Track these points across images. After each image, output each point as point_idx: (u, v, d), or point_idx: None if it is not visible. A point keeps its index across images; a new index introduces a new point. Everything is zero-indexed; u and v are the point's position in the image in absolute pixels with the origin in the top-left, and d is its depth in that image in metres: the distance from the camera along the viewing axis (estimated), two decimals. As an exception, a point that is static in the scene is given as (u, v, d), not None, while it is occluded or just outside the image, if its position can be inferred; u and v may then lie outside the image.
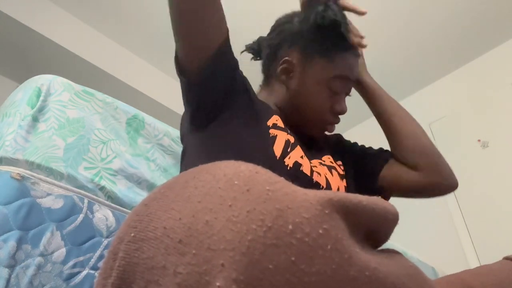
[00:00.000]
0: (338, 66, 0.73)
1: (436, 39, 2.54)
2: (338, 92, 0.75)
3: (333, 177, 0.74)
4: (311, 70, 0.74)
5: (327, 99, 0.74)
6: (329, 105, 0.75)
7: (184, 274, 0.26)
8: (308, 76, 0.74)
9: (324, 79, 0.73)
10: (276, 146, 0.66)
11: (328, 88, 0.74)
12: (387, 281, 0.28)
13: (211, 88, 0.67)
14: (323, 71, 0.73)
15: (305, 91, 0.75)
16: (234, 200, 0.28)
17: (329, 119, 0.77)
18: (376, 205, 0.32)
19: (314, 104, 0.75)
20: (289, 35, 0.77)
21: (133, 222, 0.31)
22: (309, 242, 0.26)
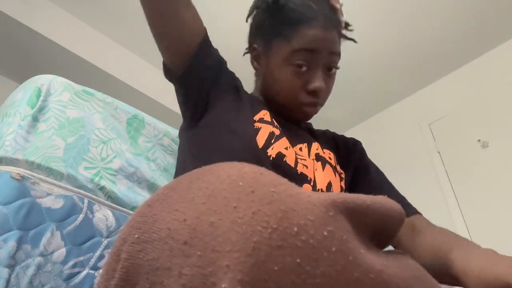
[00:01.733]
0: (295, 41, 0.70)
1: (436, 39, 2.54)
2: (303, 65, 0.70)
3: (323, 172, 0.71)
4: (272, 51, 0.74)
5: (295, 77, 0.71)
6: (300, 83, 0.72)
7: (189, 276, 0.25)
8: (271, 59, 0.75)
9: (284, 57, 0.71)
10: (259, 137, 0.67)
11: (290, 64, 0.71)
12: (392, 283, 0.28)
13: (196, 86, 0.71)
14: (281, 49, 0.72)
15: (272, 74, 0.74)
16: (238, 202, 0.28)
17: (303, 99, 0.73)
18: (381, 205, 0.32)
19: (281, 84, 0.73)
20: (252, 24, 0.81)
21: (137, 223, 0.30)
22: (314, 244, 0.26)
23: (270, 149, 0.66)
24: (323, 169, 0.72)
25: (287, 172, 0.65)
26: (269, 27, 0.75)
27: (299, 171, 0.67)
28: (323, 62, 0.72)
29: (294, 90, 0.72)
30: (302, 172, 0.68)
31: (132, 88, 2.78)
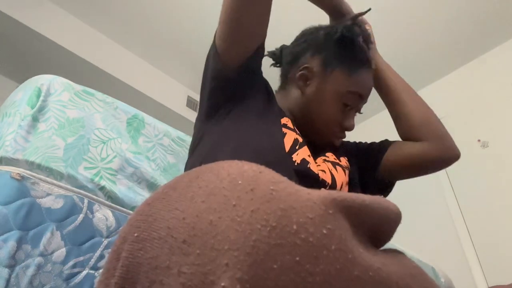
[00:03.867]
0: (355, 82, 0.75)
1: (436, 39, 2.54)
2: (350, 107, 0.76)
3: (338, 173, 0.74)
4: (329, 80, 0.76)
5: (339, 111, 0.76)
6: (340, 119, 0.77)
7: (188, 274, 0.25)
8: (325, 85, 0.76)
9: (340, 92, 0.75)
10: (286, 140, 0.69)
11: (342, 101, 0.75)
12: (391, 281, 0.28)
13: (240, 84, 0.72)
14: (340, 84, 0.75)
15: (320, 99, 0.76)
16: (238, 200, 0.28)
17: (336, 132, 0.78)
18: (379, 205, 0.32)
19: (326, 113, 0.76)
20: (313, 44, 0.80)
21: (137, 222, 0.30)
22: (313, 242, 0.26)
23: (295, 154, 0.68)
24: (336, 170, 0.75)
25: (311, 179, 0.67)
26: (337, 55, 0.77)
27: (321, 178, 0.69)
28: (359, 107, 0.80)
29: (334, 122, 0.77)
30: (323, 179, 0.70)
31: (132, 88, 2.78)
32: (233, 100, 0.72)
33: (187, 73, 3.03)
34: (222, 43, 0.69)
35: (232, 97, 0.72)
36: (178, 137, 0.98)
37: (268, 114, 0.72)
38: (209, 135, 0.73)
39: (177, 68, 2.99)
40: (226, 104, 0.72)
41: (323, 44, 0.79)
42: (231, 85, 0.72)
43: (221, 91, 0.72)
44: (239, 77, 0.71)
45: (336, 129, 0.78)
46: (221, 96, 0.72)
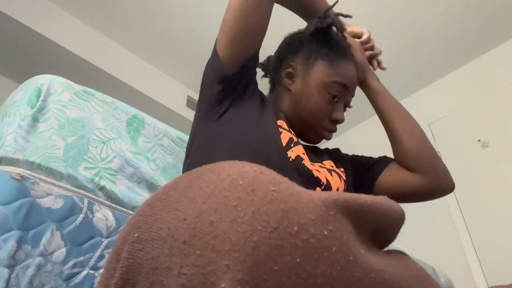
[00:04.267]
0: (338, 72, 0.77)
1: (436, 39, 2.54)
2: (337, 97, 0.77)
3: (332, 178, 0.75)
4: (312, 73, 0.78)
5: (326, 103, 0.77)
6: (328, 110, 0.78)
7: (188, 275, 0.25)
8: (309, 79, 0.78)
9: (324, 82, 0.77)
10: (282, 137, 0.71)
11: (327, 92, 0.77)
12: (393, 283, 0.28)
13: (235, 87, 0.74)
14: (323, 75, 0.77)
15: (306, 93, 0.78)
16: (238, 201, 0.28)
17: (326, 125, 0.79)
18: (381, 205, 0.32)
19: (313, 106, 0.78)
20: (293, 44, 0.84)
21: (137, 223, 0.30)
22: (314, 244, 0.26)
23: (290, 151, 0.70)
24: (332, 175, 0.76)
25: (305, 175, 0.69)
26: (317, 49, 0.80)
27: (315, 175, 0.70)
28: (346, 99, 0.81)
29: (322, 115, 0.78)
30: (318, 176, 0.71)
31: (132, 88, 2.78)
32: (231, 102, 0.74)
33: (187, 73, 3.03)
34: (223, 47, 0.72)
35: (230, 99, 0.74)
36: (178, 137, 0.98)
37: (262, 114, 0.74)
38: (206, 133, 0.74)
39: (177, 68, 2.99)
40: (224, 106, 0.74)
41: (302, 42, 0.83)
42: (229, 88, 0.74)
43: (219, 93, 0.74)
44: (236, 81, 0.74)
45: (325, 122, 0.79)
46: (220, 98, 0.74)
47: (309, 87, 0.78)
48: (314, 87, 0.77)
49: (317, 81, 0.77)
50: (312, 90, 0.78)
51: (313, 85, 0.78)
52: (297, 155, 0.71)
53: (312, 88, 0.78)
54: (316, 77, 0.78)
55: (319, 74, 0.78)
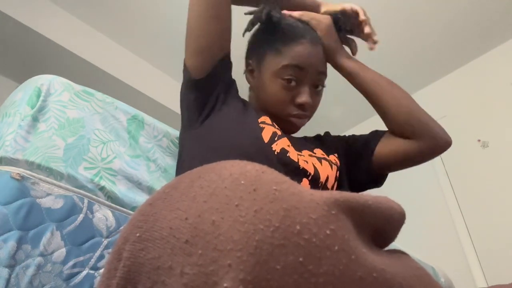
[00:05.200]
0: (286, 56, 0.77)
1: (436, 39, 2.54)
2: (293, 80, 0.76)
3: (322, 166, 0.75)
4: (264, 66, 0.80)
5: (283, 90, 0.77)
6: (289, 96, 0.77)
7: (190, 275, 0.25)
8: (263, 72, 0.80)
9: (274, 71, 0.77)
10: (264, 133, 0.72)
11: (280, 78, 0.77)
12: (395, 282, 0.28)
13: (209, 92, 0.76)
14: (272, 64, 0.78)
15: (263, 86, 0.80)
16: (240, 200, 0.28)
17: (291, 111, 0.78)
18: (382, 205, 0.32)
19: (271, 96, 0.78)
20: (250, 43, 0.88)
21: (139, 222, 0.30)
22: (316, 243, 0.26)
23: (275, 144, 0.71)
24: (321, 164, 0.76)
25: (290, 167, 0.69)
26: (262, 43, 0.82)
27: (301, 166, 0.71)
28: (310, 79, 0.78)
29: (282, 102, 0.78)
30: (304, 167, 0.71)
31: (132, 88, 2.78)
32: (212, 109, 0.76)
33: (187, 73, 3.03)
34: (187, 55, 0.76)
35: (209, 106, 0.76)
36: (177, 138, 0.98)
37: (244, 115, 0.75)
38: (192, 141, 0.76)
39: (177, 68, 2.98)
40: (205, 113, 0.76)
41: (253, 40, 0.86)
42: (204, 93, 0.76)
43: (196, 100, 0.76)
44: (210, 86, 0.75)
45: (289, 108, 0.78)
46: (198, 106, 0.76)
47: (264, 79, 0.80)
48: (267, 78, 0.79)
49: (268, 72, 0.79)
50: (266, 81, 0.79)
51: (266, 77, 0.79)
52: (282, 147, 0.71)
53: (266, 79, 0.79)
54: (267, 68, 0.79)
55: (269, 65, 0.79)
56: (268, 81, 0.79)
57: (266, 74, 0.79)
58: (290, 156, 0.71)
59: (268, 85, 0.79)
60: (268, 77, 0.79)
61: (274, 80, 0.77)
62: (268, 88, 0.78)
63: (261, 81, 0.81)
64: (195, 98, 0.76)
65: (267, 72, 0.79)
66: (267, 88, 0.79)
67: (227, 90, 0.79)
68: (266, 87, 0.79)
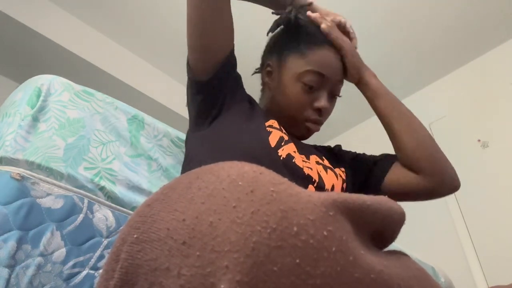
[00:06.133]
0: (309, 61, 0.77)
1: (436, 39, 2.54)
2: (313, 87, 0.76)
3: (327, 175, 0.75)
4: (286, 67, 0.79)
5: (303, 94, 0.77)
6: (308, 100, 0.77)
7: (188, 276, 0.25)
8: (283, 74, 0.80)
9: (296, 74, 0.77)
10: (271, 138, 0.71)
11: (301, 82, 0.76)
12: (393, 284, 0.28)
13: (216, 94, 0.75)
14: (295, 66, 0.78)
15: (283, 88, 0.79)
16: (238, 201, 0.28)
17: (309, 115, 0.78)
18: (381, 205, 0.32)
19: (291, 99, 0.78)
20: (269, 44, 0.87)
21: (136, 223, 0.30)
22: (314, 244, 0.26)
23: (281, 150, 0.70)
24: (326, 172, 0.75)
25: (295, 173, 0.69)
26: (287, 44, 0.81)
27: (306, 173, 0.70)
28: (329, 87, 0.79)
29: (301, 105, 0.77)
30: (309, 174, 0.71)
31: (132, 88, 2.78)
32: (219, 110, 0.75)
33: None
34: (190, 55, 0.74)
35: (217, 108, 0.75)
36: (177, 137, 0.98)
37: (251, 118, 0.75)
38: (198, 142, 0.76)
39: (177, 68, 2.98)
40: (212, 114, 0.75)
41: (276, 40, 0.85)
42: (210, 95, 0.75)
43: (202, 103, 0.75)
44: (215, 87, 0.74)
45: (307, 112, 0.78)
46: (205, 108, 0.75)
47: (284, 81, 0.79)
48: (287, 80, 0.78)
49: (289, 74, 0.78)
50: (287, 83, 0.78)
51: (287, 79, 0.78)
52: (288, 153, 0.71)
53: (286, 81, 0.78)
54: (288, 70, 0.78)
55: (291, 66, 0.78)
56: (288, 83, 0.78)
57: (287, 75, 0.78)
58: (296, 162, 0.70)
59: (288, 87, 0.78)
60: (289, 79, 0.78)
61: (294, 82, 0.77)
62: (288, 90, 0.78)
63: (281, 82, 0.80)
64: (202, 100, 0.75)
65: (289, 74, 0.78)
66: (286, 90, 0.78)
67: (234, 89, 0.78)
68: (286, 89, 0.78)
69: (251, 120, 0.74)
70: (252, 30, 2.09)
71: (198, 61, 0.73)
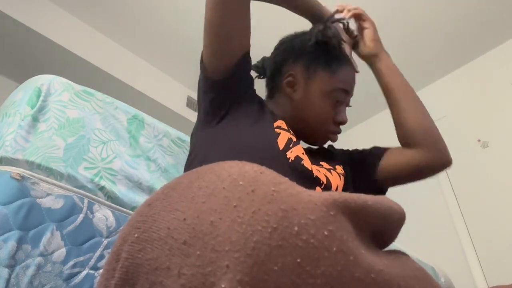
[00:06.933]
0: (338, 79, 0.79)
1: (436, 39, 2.54)
2: (340, 103, 0.80)
3: (332, 176, 0.76)
4: (314, 82, 0.80)
5: (330, 109, 0.80)
6: (332, 115, 0.80)
7: (188, 275, 0.25)
8: (311, 88, 0.80)
9: (327, 91, 0.79)
10: (279, 140, 0.71)
11: (330, 99, 0.79)
12: (393, 283, 0.28)
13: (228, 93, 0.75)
14: (326, 83, 0.79)
15: (309, 102, 0.80)
16: (239, 201, 0.28)
17: (332, 129, 0.81)
18: (381, 205, 0.32)
19: (318, 114, 0.80)
20: (293, 51, 0.84)
21: (137, 223, 0.30)
22: (314, 244, 0.26)
23: (289, 152, 0.71)
24: (331, 174, 0.77)
25: (304, 175, 0.69)
26: (316, 59, 0.81)
27: (314, 175, 0.71)
28: (347, 101, 0.84)
29: (327, 119, 0.80)
30: (317, 176, 0.71)
31: (132, 88, 2.78)
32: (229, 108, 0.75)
33: (187, 73, 3.03)
34: (205, 54, 0.73)
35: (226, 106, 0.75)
36: (178, 138, 0.98)
37: (260, 119, 0.75)
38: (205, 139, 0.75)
39: (177, 68, 2.98)
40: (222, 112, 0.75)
41: (302, 50, 0.83)
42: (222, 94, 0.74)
43: (214, 101, 0.75)
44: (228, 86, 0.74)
45: (330, 126, 0.81)
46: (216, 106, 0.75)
47: (312, 95, 0.80)
48: (317, 95, 0.79)
49: (319, 90, 0.79)
50: (315, 99, 0.79)
51: (316, 94, 0.79)
52: (296, 155, 0.71)
53: (315, 96, 0.79)
54: (318, 86, 0.79)
55: (321, 83, 0.79)
56: (317, 98, 0.79)
57: (316, 91, 0.79)
58: (305, 164, 0.71)
59: (316, 102, 0.79)
60: (318, 94, 0.79)
61: (324, 98, 0.79)
62: (316, 105, 0.79)
63: (308, 96, 0.80)
64: (213, 98, 0.75)
65: (317, 89, 0.79)
66: (314, 104, 0.79)
67: (246, 91, 0.78)
68: (314, 103, 0.80)
69: (260, 122, 0.74)
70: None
71: (212, 60, 0.73)
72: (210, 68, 0.73)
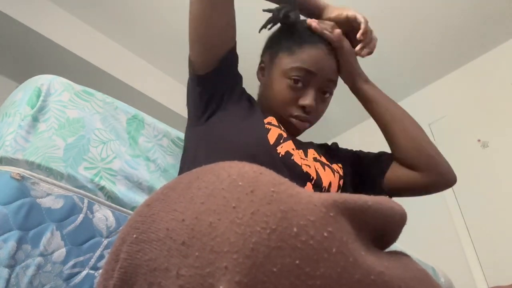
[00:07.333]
0: (297, 58, 0.77)
1: (436, 39, 2.54)
2: (299, 82, 0.76)
3: (325, 172, 0.76)
4: (275, 64, 0.81)
5: (288, 90, 0.77)
6: (293, 97, 0.77)
7: (187, 277, 0.25)
8: (273, 70, 0.81)
9: (283, 69, 0.78)
10: (270, 135, 0.71)
11: (288, 78, 0.77)
12: (393, 285, 0.28)
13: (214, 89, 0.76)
14: (283, 63, 0.79)
15: (270, 83, 0.81)
16: (238, 202, 0.27)
17: (292, 111, 0.78)
18: (382, 206, 0.31)
19: (275, 95, 0.79)
20: (266, 43, 0.89)
21: (135, 223, 0.30)
22: (314, 245, 0.26)
23: (280, 147, 0.71)
24: (324, 169, 0.76)
25: (294, 170, 0.69)
26: (277, 42, 0.83)
27: (304, 170, 0.71)
28: (319, 85, 0.78)
29: (286, 101, 0.78)
30: (307, 171, 0.71)
31: (132, 88, 2.78)
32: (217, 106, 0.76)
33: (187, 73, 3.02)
34: (191, 50, 0.75)
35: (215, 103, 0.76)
36: (178, 138, 0.98)
37: (250, 116, 0.76)
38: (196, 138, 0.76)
39: (177, 68, 2.98)
40: (210, 110, 0.76)
41: (270, 39, 0.87)
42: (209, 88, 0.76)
43: (201, 95, 0.76)
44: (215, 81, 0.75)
45: (291, 108, 0.78)
46: (203, 101, 0.76)
47: (272, 77, 0.81)
48: (275, 77, 0.80)
49: (278, 70, 0.79)
50: (274, 79, 0.80)
51: (275, 76, 0.80)
52: (286, 150, 0.71)
53: (274, 78, 0.80)
54: (278, 67, 0.80)
55: (279, 63, 0.80)
56: (275, 79, 0.79)
57: (276, 72, 0.80)
58: (294, 159, 0.71)
59: (275, 83, 0.79)
60: (277, 75, 0.79)
61: (281, 79, 0.78)
62: (275, 86, 0.79)
63: (270, 79, 0.81)
64: (200, 93, 0.76)
65: (277, 71, 0.80)
66: (273, 86, 0.79)
67: (233, 87, 0.79)
68: (273, 85, 0.80)
69: (250, 118, 0.75)
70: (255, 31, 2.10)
71: (198, 55, 0.74)
72: (196, 63, 0.75)
